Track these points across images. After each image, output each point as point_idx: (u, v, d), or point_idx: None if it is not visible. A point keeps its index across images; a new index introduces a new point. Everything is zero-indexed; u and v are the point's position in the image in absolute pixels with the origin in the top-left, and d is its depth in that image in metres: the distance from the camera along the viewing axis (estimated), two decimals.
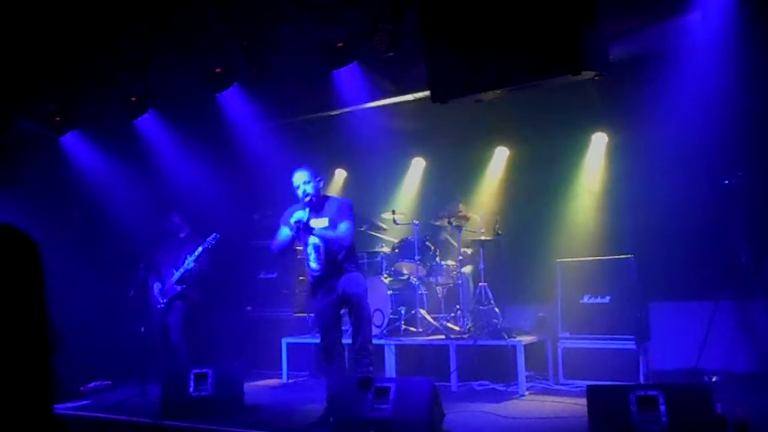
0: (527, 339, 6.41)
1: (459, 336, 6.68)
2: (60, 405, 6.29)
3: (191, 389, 5.78)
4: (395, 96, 7.41)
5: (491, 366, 6.57)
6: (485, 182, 8.03)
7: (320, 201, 5.31)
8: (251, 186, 8.47)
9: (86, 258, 7.79)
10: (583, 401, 4.53)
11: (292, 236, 5.21)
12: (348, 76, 6.65)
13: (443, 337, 6.72)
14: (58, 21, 6.10)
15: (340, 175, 9.11)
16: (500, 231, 6.92)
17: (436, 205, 7.49)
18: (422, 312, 7.08)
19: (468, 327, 6.82)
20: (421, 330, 6.97)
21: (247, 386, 6.36)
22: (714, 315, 5.87)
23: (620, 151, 7.08)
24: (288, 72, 6.87)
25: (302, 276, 7.79)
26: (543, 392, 6.25)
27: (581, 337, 6.38)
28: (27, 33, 6.28)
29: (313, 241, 5.23)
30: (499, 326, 6.50)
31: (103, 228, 8.14)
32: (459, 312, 6.99)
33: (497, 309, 6.67)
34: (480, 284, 6.84)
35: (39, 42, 6.44)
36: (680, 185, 6.26)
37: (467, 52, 5.02)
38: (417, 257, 7.17)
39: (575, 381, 6.24)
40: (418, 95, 7.03)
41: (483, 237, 7.08)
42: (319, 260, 5.24)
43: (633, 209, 6.68)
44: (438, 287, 7.35)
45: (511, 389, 6.22)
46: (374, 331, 5.86)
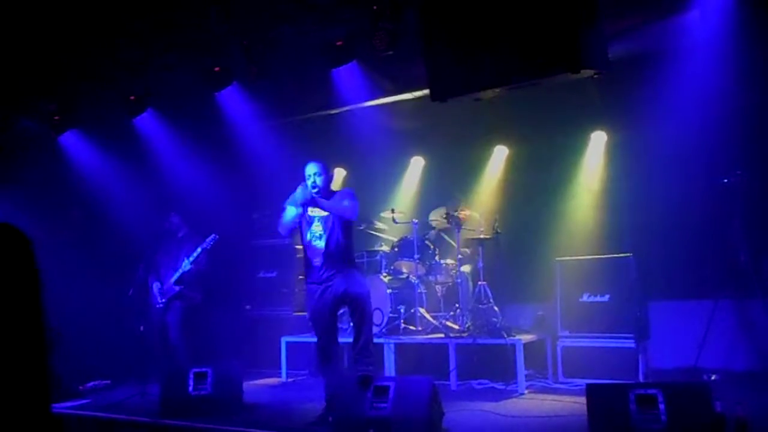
0: (527, 338, 6.41)
1: (458, 335, 6.68)
2: (59, 404, 6.29)
3: (190, 388, 5.79)
4: (394, 95, 7.42)
5: (491, 365, 6.57)
6: (484, 181, 8.04)
7: (327, 195, 5.30)
8: (250, 185, 8.48)
9: (85, 257, 7.78)
10: (583, 400, 4.54)
11: (299, 215, 5.20)
12: (347, 75, 6.64)
13: (442, 336, 6.72)
14: (57, 20, 6.09)
15: (340, 174, 9.10)
16: (499, 230, 6.92)
17: (436, 205, 7.50)
18: (421, 311, 7.08)
19: (467, 326, 6.83)
20: (421, 329, 6.98)
21: (247, 385, 6.36)
22: (713, 313, 5.87)
23: (620, 150, 7.08)
24: (287, 71, 6.87)
25: (301, 275, 7.79)
26: (542, 391, 6.26)
27: (581, 336, 6.38)
28: (26, 32, 6.27)
29: (319, 215, 5.25)
30: (499, 325, 6.50)
31: (103, 227, 8.14)
32: (458, 311, 6.99)
33: (496, 308, 6.67)
34: (479, 283, 6.84)
35: (38, 41, 6.43)
36: (679, 184, 6.27)
37: (466, 51, 5.02)
38: (416, 256, 7.17)
39: (575, 379, 6.25)
40: (418, 94, 7.03)
41: (482, 236, 7.08)
42: (324, 238, 5.22)
43: (632, 208, 6.69)
44: (437, 286, 7.35)
45: (511, 388, 6.23)
46: (373, 330, 5.85)
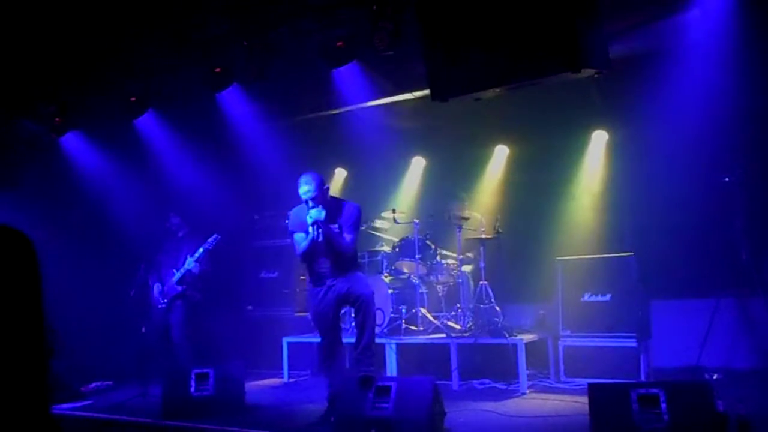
0: (528, 337, 6.40)
1: (460, 334, 6.68)
2: (61, 405, 6.29)
3: (192, 389, 5.79)
4: (395, 95, 7.42)
5: (492, 364, 6.58)
6: (485, 181, 8.04)
7: (329, 205, 5.25)
8: (251, 185, 8.48)
9: (87, 258, 7.79)
10: (585, 399, 4.53)
11: (312, 235, 5.14)
12: (348, 76, 6.65)
13: (444, 336, 6.72)
14: (58, 22, 6.10)
15: (340, 175, 9.11)
16: (500, 229, 6.92)
17: (438, 205, 7.50)
18: (423, 311, 7.08)
19: (469, 325, 6.82)
20: (422, 329, 6.97)
21: (248, 386, 6.37)
22: (715, 312, 5.87)
23: (620, 149, 7.08)
24: (288, 72, 6.86)
25: (303, 275, 7.80)
26: (544, 390, 6.25)
27: (582, 335, 6.38)
28: (27, 34, 6.28)
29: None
30: (500, 325, 6.50)
31: (104, 228, 8.14)
32: (460, 310, 6.99)
33: (498, 307, 6.66)
34: (480, 283, 6.84)
35: (39, 43, 6.44)
36: (680, 182, 6.27)
37: (467, 51, 5.01)
38: (417, 256, 7.17)
39: (576, 379, 6.25)
40: (418, 94, 7.04)
41: (483, 235, 7.08)
42: (330, 247, 5.23)
43: (633, 207, 6.69)
44: (438, 286, 7.35)
45: (513, 387, 6.22)
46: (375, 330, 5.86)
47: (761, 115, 5.83)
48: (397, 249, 7.47)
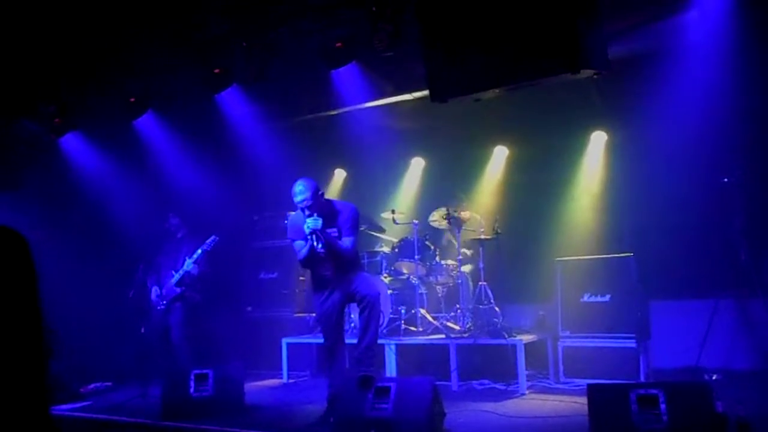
0: (527, 338, 6.40)
1: (459, 335, 6.68)
2: (60, 406, 6.29)
3: (192, 390, 5.79)
4: (394, 96, 7.42)
5: (492, 365, 6.58)
6: (485, 181, 8.04)
7: (326, 209, 5.24)
8: (251, 186, 8.48)
9: (86, 259, 7.78)
10: (584, 400, 4.53)
11: (310, 243, 5.13)
12: (347, 76, 6.65)
13: (443, 337, 6.72)
14: (58, 21, 6.10)
15: (340, 175, 9.11)
16: (500, 230, 6.92)
17: (436, 205, 7.50)
18: (422, 311, 7.08)
19: (468, 326, 6.82)
20: (422, 329, 6.97)
21: (248, 387, 6.37)
22: (714, 313, 5.87)
23: (620, 150, 7.08)
24: (287, 72, 6.87)
25: (302, 276, 7.80)
26: (543, 391, 6.25)
27: (581, 336, 6.38)
28: (27, 34, 6.28)
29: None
30: (500, 325, 6.50)
31: (103, 229, 8.14)
32: (459, 311, 6.99)
33: (497, 308, 6.66)
34: (480, 283, 6.84)
35: (39, 43, 6.44)
36: (680, 183, 6.27)
37: (466, 51, 5.01)
38: (417, 256, 7.17)
39: (576, 380, 6.25)
40: (417, 95, 7.04)
41: (483, 236, 7.08)
42: (330, 257, 5.23)
43: (633, 207, 6.69)
44: (438, 286, 7.35)
45: (512, 388, 6.23)
46: None
47: (760, 116, 5.83)
48: (397, 250, 7.47)
